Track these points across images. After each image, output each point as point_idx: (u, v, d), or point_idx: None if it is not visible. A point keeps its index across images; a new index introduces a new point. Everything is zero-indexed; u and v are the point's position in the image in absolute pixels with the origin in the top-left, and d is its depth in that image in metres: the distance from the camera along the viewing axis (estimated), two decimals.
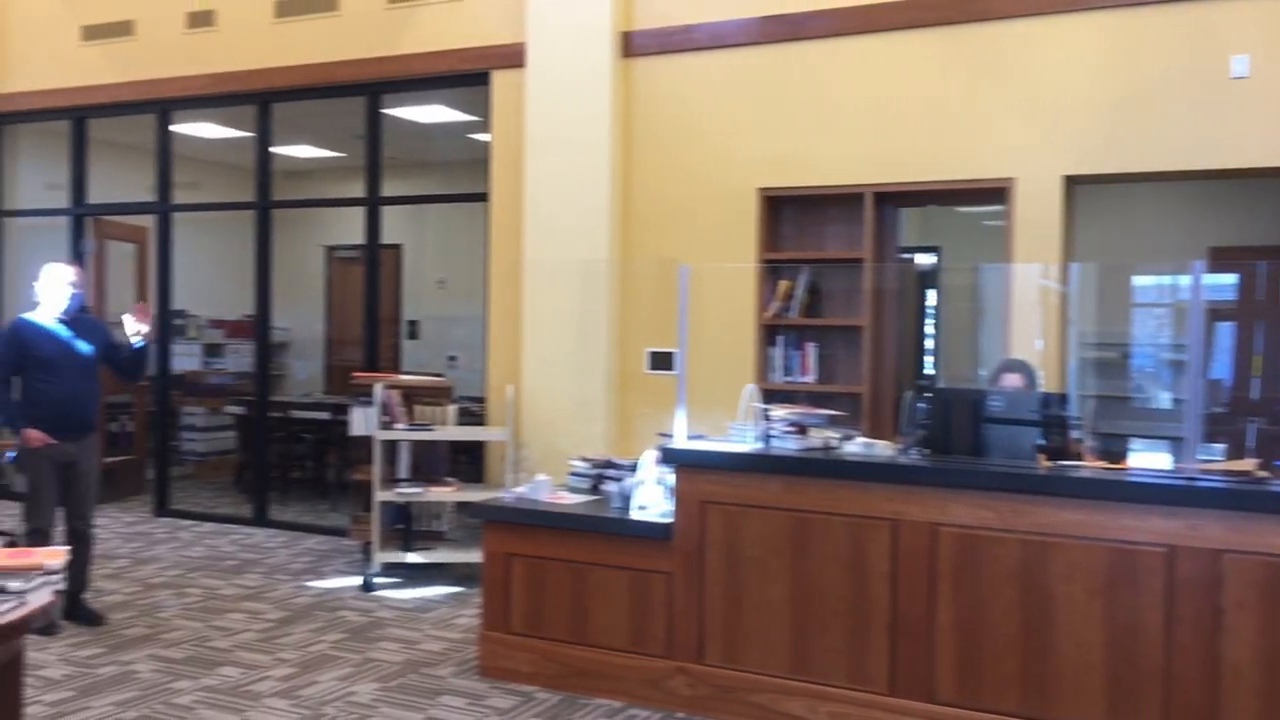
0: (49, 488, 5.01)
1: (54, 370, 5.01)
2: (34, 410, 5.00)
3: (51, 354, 5.01)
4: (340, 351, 11.33)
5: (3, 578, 2.80)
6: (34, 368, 5.01)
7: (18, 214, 8.61)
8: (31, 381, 5.03)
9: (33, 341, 5.01)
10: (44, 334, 5.03)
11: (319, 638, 4.94)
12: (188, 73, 7.50)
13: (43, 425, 4.96)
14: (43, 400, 5.00)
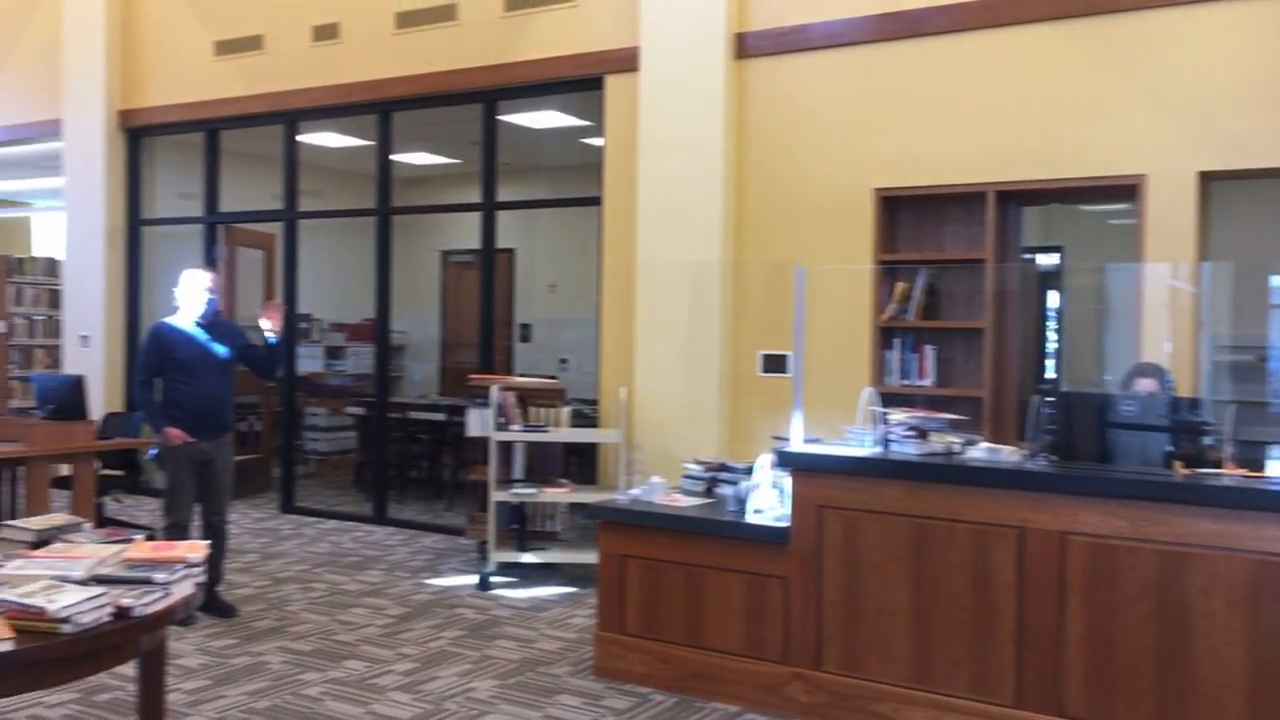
0: (187, 484, 5.24)
1: (192, 372, 5.22)
2: (173, 411, 5.21)
3: (190, 357, 5.22)
4: (454, 354, 11.58)
5: (148, 570, 2.94)
6: (173, 370, 5.22)
7: (155, 223, 9.01)
8: (171, 383, 5.25)
9: (173, 345, 5.22)
10: (183, 338, 5.25)
11: (438, 634, 5.04)
12: (313, 84, 7.75)
13: (181, 425, 5.19)
14: (182, 401, 5.21)
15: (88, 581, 2.84)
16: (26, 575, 2.83)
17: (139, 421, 7.30)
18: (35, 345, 10.21)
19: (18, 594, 2.63)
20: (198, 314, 5.27)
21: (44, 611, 2.56)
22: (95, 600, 2.67)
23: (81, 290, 8.92)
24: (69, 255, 9.12)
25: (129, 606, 2.75)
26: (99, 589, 2.74)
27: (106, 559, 3.00)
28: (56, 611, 2.56)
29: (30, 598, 2.61)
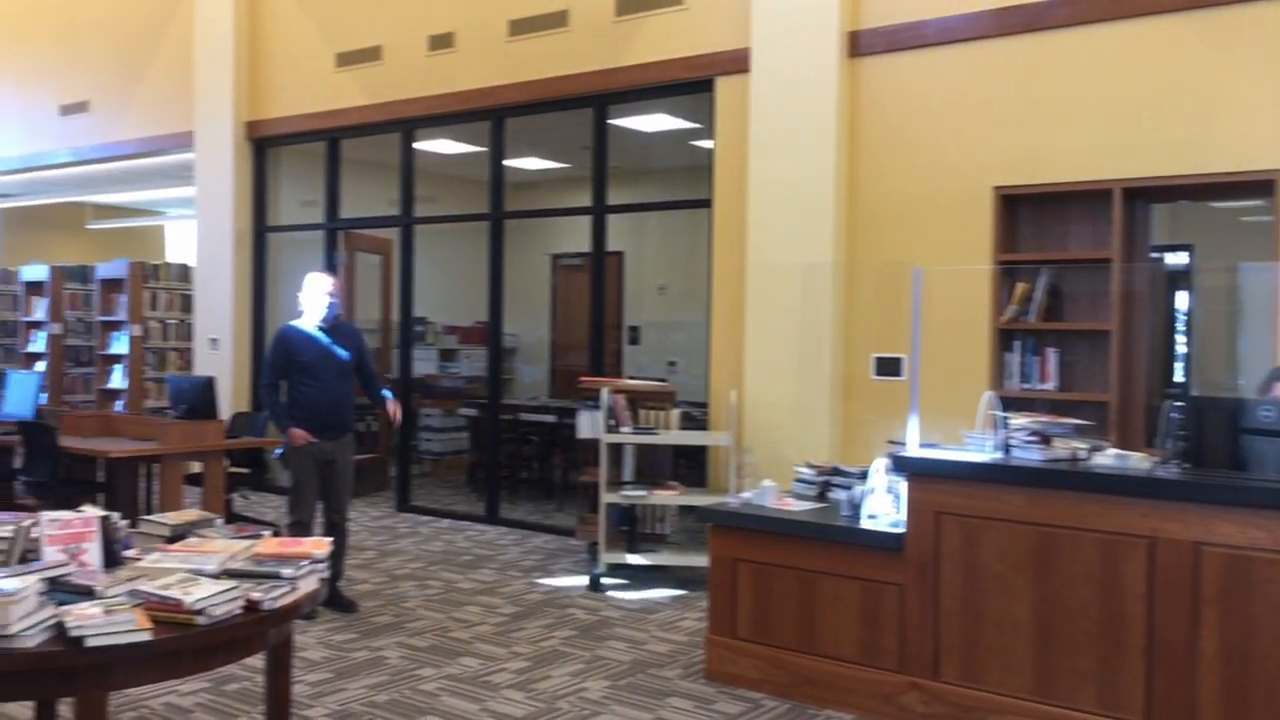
0: (310, 483, 5.41)
1: (316, 375, 5.38)
2: (297, 412, 5.39)
3: (314, 360, 5.38)
4: (564, 356, 11.71)
5: (276, 565, 3.03)
6: (297, 372, 5.40)
7: (279, 229, 9.33)
8: (295, 385, 5.43)
9: (297, 348, 5.40)
10: (307, 341, 5.42)
11: (550, 633, 5.09)
12: (428, 93, 7.93)
13: (305, 426, 5.37)
14: (305, 403, 5.39)
15: (220, 575, 2.95)
16: (163, 568, 2.95)
17: (264, 422, 7.57)
18: (168, 348, 10.67)
19: (156, 586, 2.74)
20: (320, 318, 5.43)
21: (181, 604, 2.67)
22: (227, 594, 2.77)
23: (211, 295, 9.29)
24: (199, 261, 9.52)
25: (258, 600, 2.84)
26: (231, 583, 2.85)
27: (237, 554, 3.11)
28: (192, 604, 2.67)
29: (168, 590, 2.72)
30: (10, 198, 15.54)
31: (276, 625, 2.99)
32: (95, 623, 2.53)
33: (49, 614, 2.58)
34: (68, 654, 2.51)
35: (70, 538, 2.98)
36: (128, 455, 6.45)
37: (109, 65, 10.24)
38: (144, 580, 2.82)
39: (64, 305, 10.97)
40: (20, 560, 2.95)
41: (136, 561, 3.06)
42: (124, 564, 3.05)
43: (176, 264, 11.05)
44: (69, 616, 2.56)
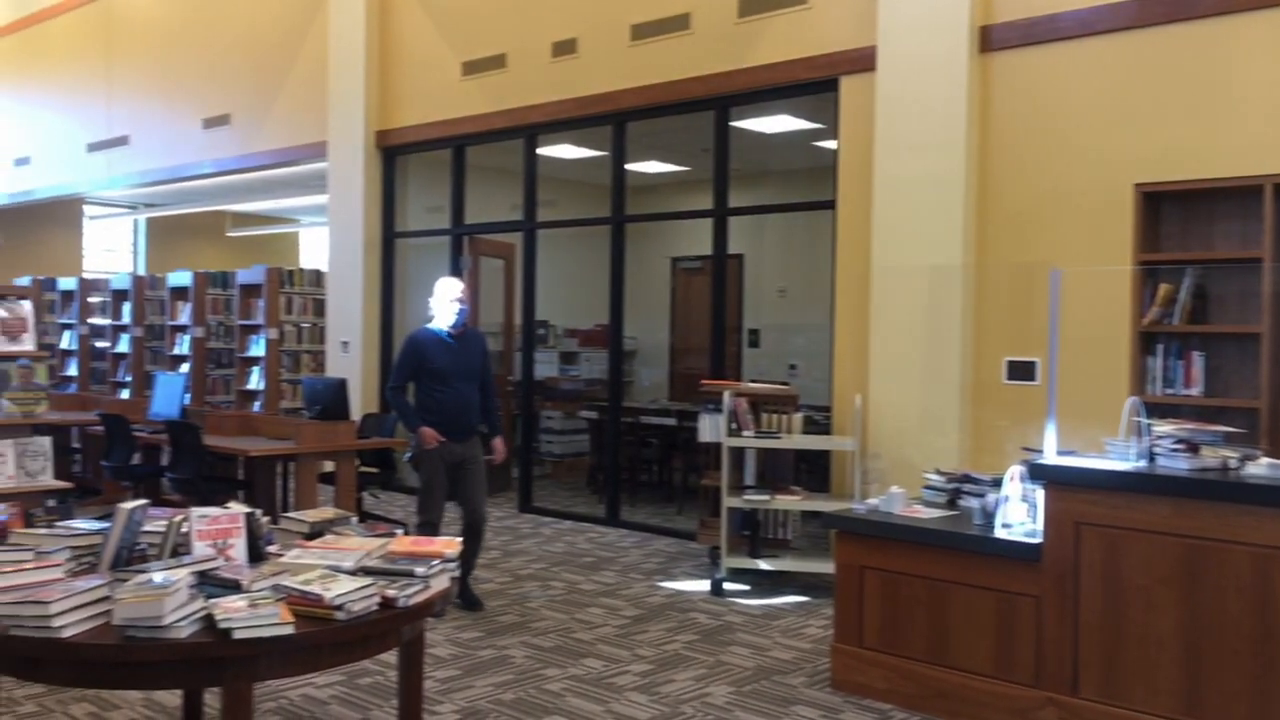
0: (440, 485, 5.51)
1: (445, 380, 5.47)
2: (426, 415, 5.48)
3: (444, 364, 5.47)
4: (683, 359, 11.71)
5: (409, 563, 3.10)
6: (427, 377, 5.49)
7: (407, 235, 9.58)
8: (425, 389, 5.53)
9: (429, 353, 5.48)
10: (438, 345, 5.50)
11: (672, 637, 5.08)
12: (551, 99, 8.04)
13: (434, 429, 5.45)
14: (435, 406, 5.48)
15: (356, 572, 3.03)
16: (304, 564, 3.05)
17: (394, 422, 7.77)
18: (302, 351, 11.07)
19: (298, 582, 2.83)
20: (450, 322, 5.52)
21: (321, 599, 2.75)
22: (364, 590, 2.84)
23: (342, 299, 9.60)
24: (331, 267, 9.84)
25: (393, 597, 2.91)
26: (367, 580, 2.92)
27: (372, 552, 3.19)
28: (332, 599, 2.75)
29: (309, 586, 2.81)
30: (157, 208, 16.39)
31: (410, 622, 3.06)
32: (242, 616, 2.63)
33: (199, 606, 2.69)
34: (216, 645, 2.61)
35: (218, 533, 3.10)
36: (266, 454, 6.71)
37: (248, 80, 10.68)
38: (286, 575, 2.91)
39: (206, 310, 11.47)
40: (172, 554, 3.09)
41: (278, 557, 3.17)
42: (267, 559, 3.17)
43: (310, 269, 11.45)
44: (217, 609, 2.66)
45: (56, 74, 13.51)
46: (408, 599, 2.94)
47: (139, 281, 12.42)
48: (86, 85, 12.89)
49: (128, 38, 12.30)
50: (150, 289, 12.40)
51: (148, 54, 12.03)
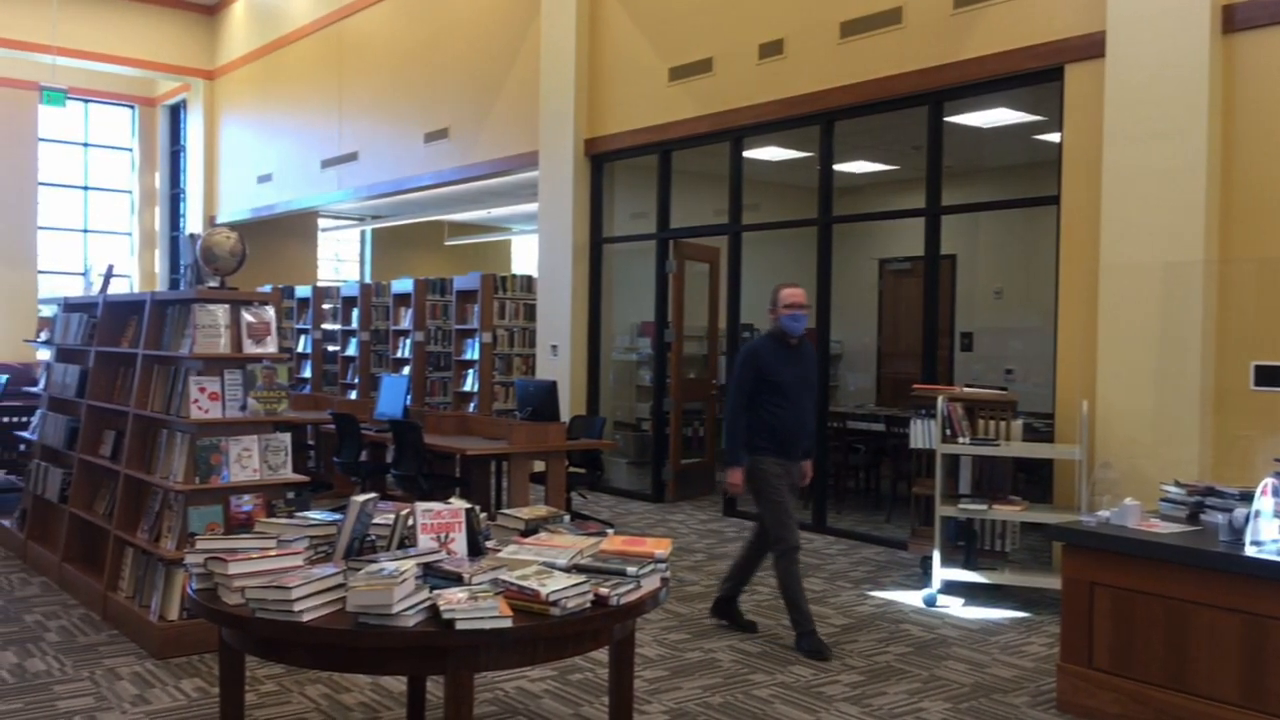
0: (789, 504, 4.96)
1: (787, 394, 4.91)
2: (761, 437, 4.91)
3: (786, 379, 4.91)
4: (890, 363, 11.41)
5: (621, 563, 3.12)
6: (768, 392, 4.90)
7: (614, 240, 9.75)
8: (763, 406, 4.91)
9: (770, 366, 4.92)
10: (780, 358, 4.95)
11: (883, 648, 4.93)
12: (758, 100, 7.99)
13: (769, 451, 4.91)
14: (773, 425, 4.90)
15: (570, 569, 3.08)
16: (520, 560, 3.12)
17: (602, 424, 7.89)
18: (514, 354, 11.46)
19: (515, 576, 2.90)
20: (791, 332, 4.97)
21: (538, 594, 2.80)
22: (579, 587, 2.88)
23: (551, 304, 9.86)
24: (541, 272, 10.13)
25: (606, 595, 2.94)
26: (581, 577, 2.96)
27: (584, 550, 3.24)
28: (548, 595, 2.80)
29: (526, 581, 2.87)
30: (382, 219, 17.37)
31: (622, 621, 3.08)
32: (464, 607, 2.71)
33: (424, 597, 2.80)
34: (440, 635, 2.70)
35: (440, 527, 3.22)
36: (481, 453, 6.96)
37: (466, 95, 11.15)
38: (504, 570, 2.99)
39: (426, 315, 12.05)
40: (398, 545, 3.23)
41: (496, 552, 3.26)
42: (485, 553, 3.26)
43: (522, 275, 11.84)
44: (441, 600, 2.76)
45: (294, 96, 14.53)
46: (620, 597, 2.96)
47: (366, 289, 13.19)
48: (320, 106, 13.79)
49: (357, 60, 13.09)
50: (376, 296, 13.15)
51: (375, 74, 12.76)
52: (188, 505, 4.75)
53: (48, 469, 6.36)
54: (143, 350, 5.32)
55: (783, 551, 4.90)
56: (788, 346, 4.98)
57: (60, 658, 4.58)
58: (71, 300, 6.61)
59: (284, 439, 5.09)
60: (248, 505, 4.90)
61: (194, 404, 4.77)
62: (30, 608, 5.39)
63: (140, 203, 18.14)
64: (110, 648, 4.75)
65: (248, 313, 4.94)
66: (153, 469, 5.13)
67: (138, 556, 5.10)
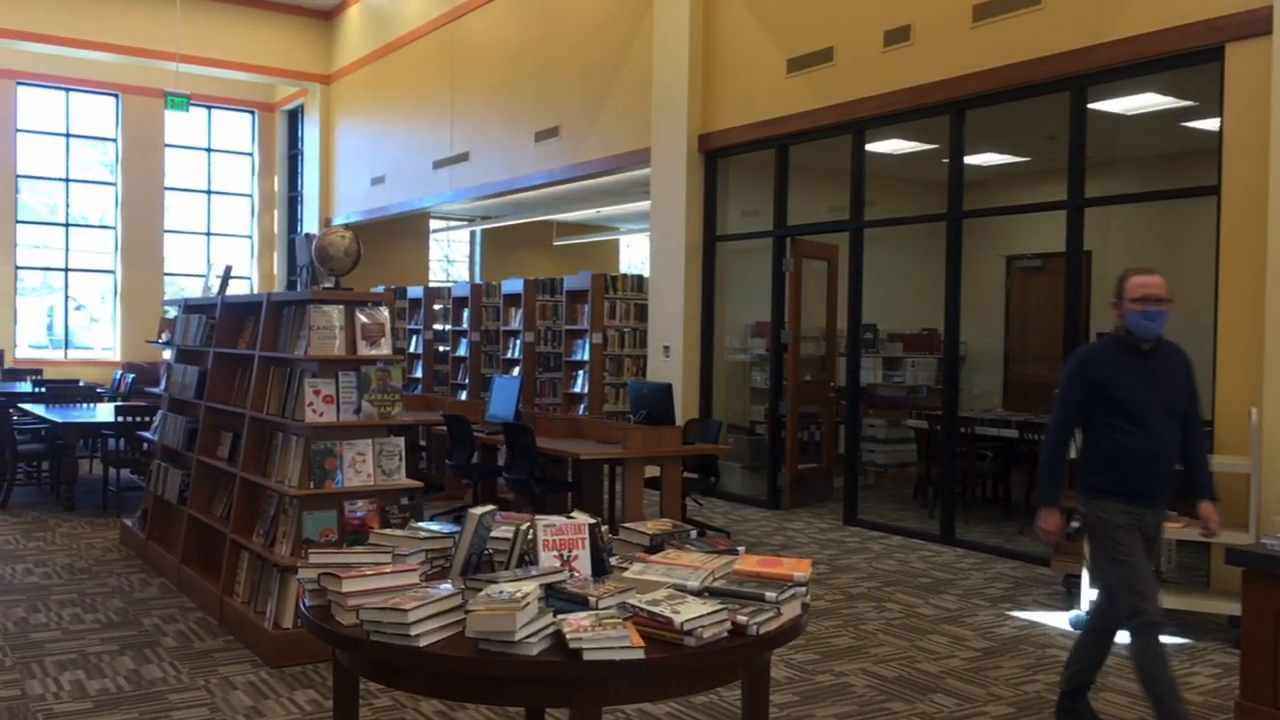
0: (1141, 560, 3.70)
1: (1134, 415, 3.67)
2: (1097, 473, 3.75)
3: (1131, 393, 3.68)
4: (1018, 366, 10.87)
5: (757, 586, 2.86)
6: (1106, 411, 3.70)
7: (728, 238, 9.47)
8: (1100, 430, 3.74)
9: (1108, 377, 3.70)
10: (1123, 366, 3.71)
11: (1031, 676, 4.56)
12: (882, 90, 7.63)
13: (1118, 492, 3.71)
14: (1116, 455, 3.70)
15: (701, 592, 2.83)
16: (649, 581, 2.88)
17: (719, 428, 7.62)
18: (624, 355, 11.28)
19: (646, 601, 2.66)
20: (1142, 333, 3.69)
21: (671, 623, 2.56)
22: (715, 615, 2.62)
23: (664, 304, 9.64)
24: (653, 272, 9.92)
25: (744, 624, 2.68)
26: (716, 603, 2.70)
27: (715, 570, 2.98)
28: (682, 624, 2.55)
29: (657, 606, 2.63)
30: (491, 220, 17.42)
31: (761, 652, 2.82)
32: (592, 636, 2.48)
33: (548, 621, 2.58)
34: (566, 665, 2.48)
35: (563, 544, 3.00)
36: (595, 458, 6.77)
37: (576, 93, 11.01)
38: (633, 593, 2.76)
39: (536, 315, 11.96)
40: (518, 562, 3.03)
41: (621, 571, 3.03)
42: (610, 572, 3.04)
43: (633, 274, 11.65)
44: (566, 626, 2.53)
45: (407, 99, 14.63)
46: (759, 627, 2.70)
47: (476, 289, 13.18)
48: (432, 107, 13.85)
49: (469, 60, 13.09)
50: (486, 296, 13.13)
51: (486, 74, 12.73)
52: (302, 510, 4.65)
53: (168, 470, 6.39)
54: (259, 352, 5.27)
55: (1139, 627, 3.61)
56: (1137, 352, 3.70)
57: (176, 664, 4.53)
58: (191, 301, 6.64)
59: (398, 443, 4.96)
60: (361, 511, 4.79)
61: (308, 407, 4.67)
62: (149, 610, 5.39)
63: (260, 206, 18.57)
64: (225, 654, 4.68)
65: (362, 313, 4.83)
66: (268, 472, 5.06)
67: (253, 561, 5.04)
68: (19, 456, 8.54)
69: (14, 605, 5.41)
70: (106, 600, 5.56)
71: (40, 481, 9.14)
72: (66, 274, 17.05)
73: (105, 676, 4.34)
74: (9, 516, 7.89)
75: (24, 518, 7.86)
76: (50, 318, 17.21)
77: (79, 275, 17.17)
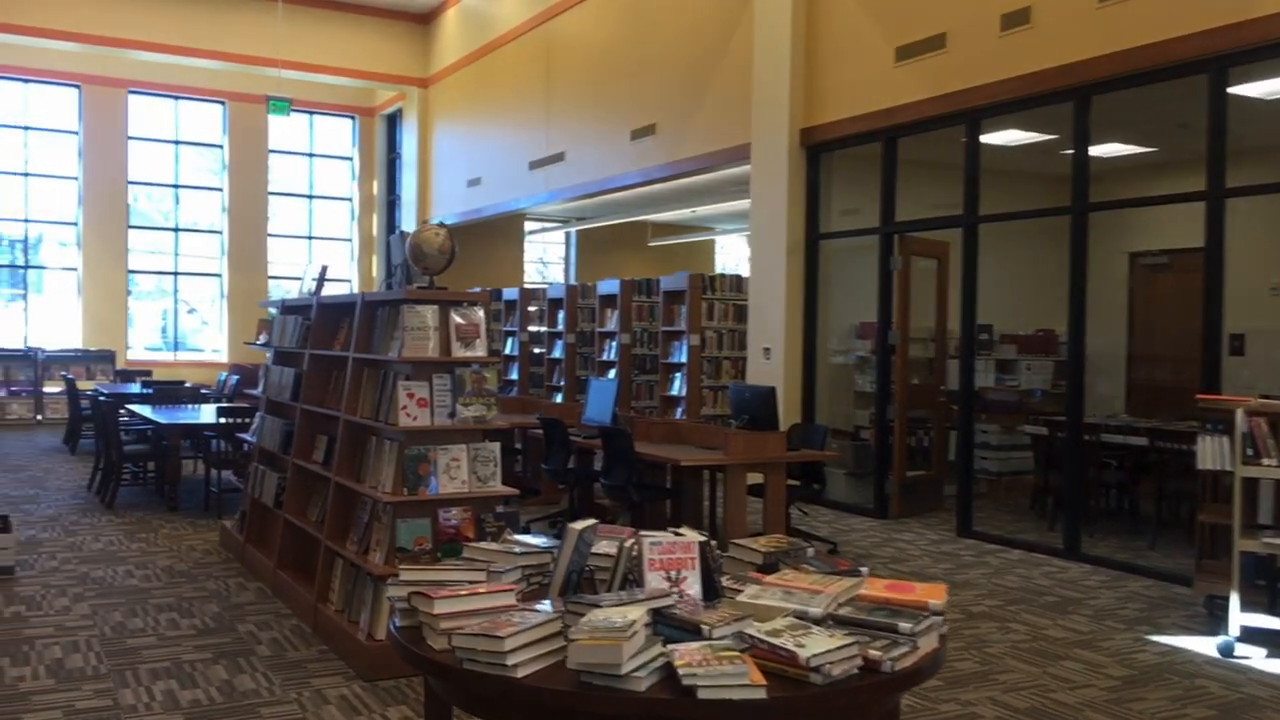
0: None
1: None
2: None
3: None
4: (1141, 369, 10.27)
5: (889, 615, 2.57)
6: None
7: (831, 236, 9.12)
8: None
9: None
10: None
11: (1180, 710, 4.15)
12: (998, 78, 7.21)
13: None
14: None
15: (825, 620, 2.55)
16: (765, 606, 2.61)
17: (824, 434, 7.27)
18: (722, 357, 10.98)
19: (765, 632, 2.39)
20: None
21: (795, 657, 2.28)
22: (845, 650, 2.33)
23: (764, 305, 9.32)
24: (753, 271, 9.61)
25: (877, 660, 2.38)
26: (844, 635, 2.42)
27: (839, 595, 2.70)
28: (808, 659, 2.27)
29: (777, 638, 2.35)
30: (586, 221, 17.30)
31: (897, 692, 2.52)
32: (707, 671, 2.22)
33: (657, 652, 2.33)
34: (679, 703, 2.21)
35: (671, 563, 2.75)
36: (696, 464, 6.51)
37: (673, 89, 10.77)
38: (749, 621, 2.49)
39: (632, 317, 11.75)
40: (621, 583, 2.79)
41: (735, 594, 2.76)
42: (722, 595, 2.77)
43: (730, 274, 11.35)
44: (678, 658, 2.27)
45: (503, 100, 14.58)
46: (894, 663, 2.40)
47: (571, 290, 13.02)
48: (528, 108, 13.76)
49: (564, 59, 12.96)
50: (581, 297, 12.96)
51: (582, 73, 12.58)
52: (395, 517, 4.49)
53: (265, 472, 6.33)
54: (353, 353, 5.14)
55: None
56: None
57: (269, 675, 4.41)
58: (289, 302, 6.58)
59: (493, 448, 4.77)
60: (455, 519, 4.61)
61: (402, 410, 4.51)
62: (244, 616, 5.30)
63: (360, 209, 18.78)
64: (319, 665, 4.55)
65: (457, 314, 4.65)
66: (362, 477, 4.92)
67: (347, 569, 4.91)
68: (125, 457, 8.64)
69: (113, 609, 5.38)
70: (203, 605, 5.50)
71: (145, 482, 9.25)
72: (176, 278, 17.47)
73: (198, 687, 4.24)
74: (115, 517, 7.96)
75: (128, 518, 7.93)
76: (164, 320, 17.67)
77: (188, 279, 17.58)
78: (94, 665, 4.48)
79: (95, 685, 4.23)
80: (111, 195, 16.53)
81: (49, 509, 8.18)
